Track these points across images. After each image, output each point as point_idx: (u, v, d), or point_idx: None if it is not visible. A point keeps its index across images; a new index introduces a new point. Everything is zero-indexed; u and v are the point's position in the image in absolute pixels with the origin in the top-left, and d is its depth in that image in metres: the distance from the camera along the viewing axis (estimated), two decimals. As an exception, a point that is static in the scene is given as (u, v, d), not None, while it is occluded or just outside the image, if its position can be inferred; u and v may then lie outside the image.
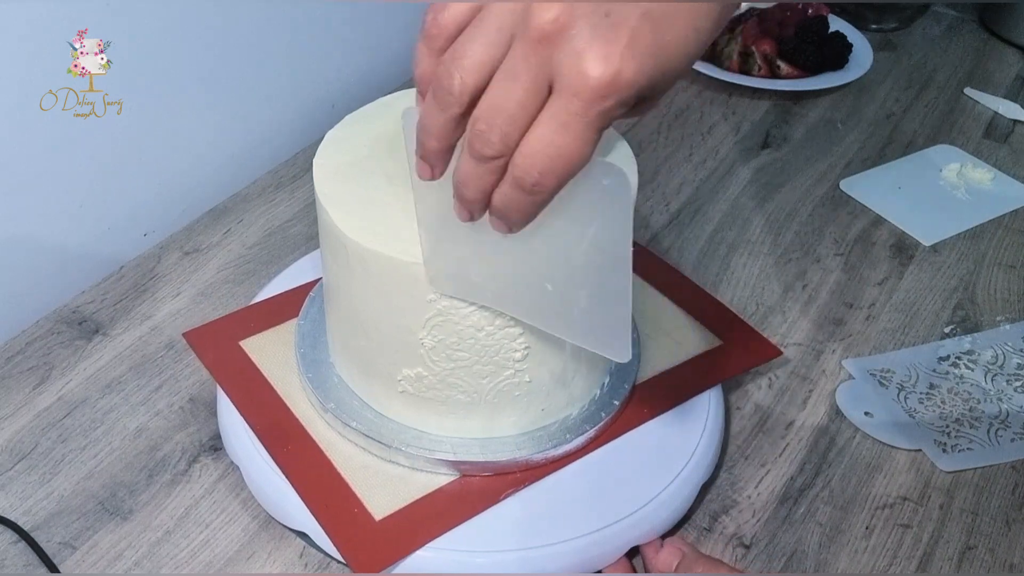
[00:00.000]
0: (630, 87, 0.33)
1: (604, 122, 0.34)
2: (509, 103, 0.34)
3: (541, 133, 0.34)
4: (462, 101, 0.35)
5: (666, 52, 0.34)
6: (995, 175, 0.82)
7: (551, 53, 0.33)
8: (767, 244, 0.74)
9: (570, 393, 0.52)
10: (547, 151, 0.34)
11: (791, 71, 0.92)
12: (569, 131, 0.33)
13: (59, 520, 0.53)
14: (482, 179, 0.36)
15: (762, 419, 0.60)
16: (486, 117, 0.34)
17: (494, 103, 0.34)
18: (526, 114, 0.34)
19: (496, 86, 0.34)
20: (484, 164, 0.36)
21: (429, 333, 0.47)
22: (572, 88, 0.33)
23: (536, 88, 0.34)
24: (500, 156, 0.35)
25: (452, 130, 0.37)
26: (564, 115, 0.33)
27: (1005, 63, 0.99)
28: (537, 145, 0.34)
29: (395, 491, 0.50)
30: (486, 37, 0.34)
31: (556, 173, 0.35)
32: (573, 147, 0.34)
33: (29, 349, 0.63)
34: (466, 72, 0.35)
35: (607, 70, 0.32)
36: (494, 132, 0.34)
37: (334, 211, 0.47)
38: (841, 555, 0.53)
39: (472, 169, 0.36)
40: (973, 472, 0.57)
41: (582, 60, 0.32)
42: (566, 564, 0.49)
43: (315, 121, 0.83)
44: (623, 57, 0.32)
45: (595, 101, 0.33)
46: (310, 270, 0.64)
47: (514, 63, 0.34)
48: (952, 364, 0.64)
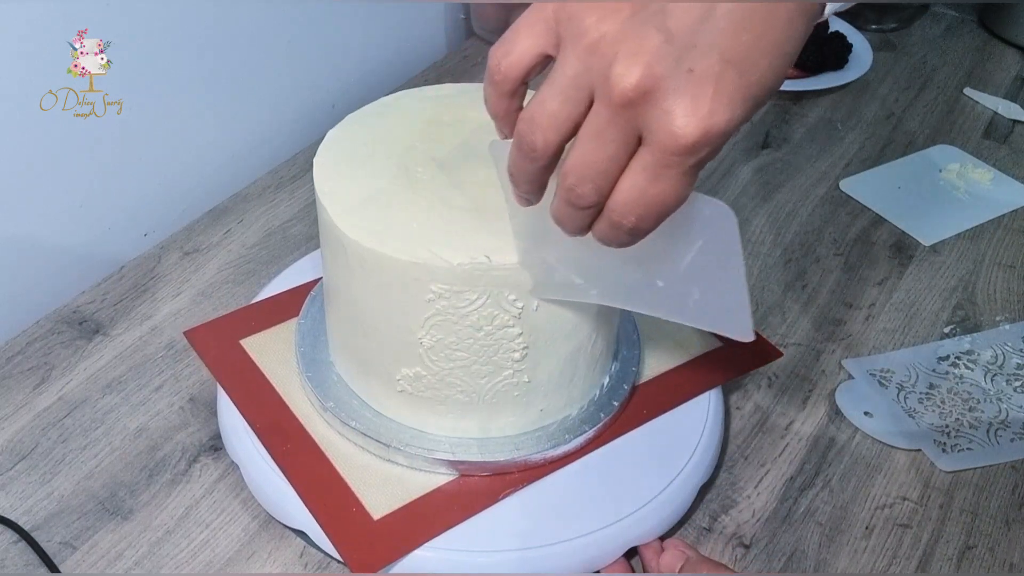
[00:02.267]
0: (723, 137, 0.33)
1: (700, 168, 0.34)
2: (599, 161, 0.34)
3: (634, 183, 0.34)
4: (547, 155, 0.36)
5: (754, 89, 0.33)
6: (995, 175, 0.82)
7: (639, 114, 0.33)
8: (767, 244, 0.74)
9: (569, 393, 0.52)
10: (642, 200, 0.34)
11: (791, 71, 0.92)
12: (663, 181, 0.34)
13: (59, 520, 0.53)
14: (579, 220, 0.37)
15: (762, 419, 0.60)
16: (577, 173, 0.35)
17: (584, 160, 0.34)
18: (617, 167, 0.34)
19: (584, 145, 0.34)
20: (580, 211, 0.36)
21: (428, 333, 0.47)
22: (664, 146, 0.33)
23: (626, 145, 0.34)
24: (595, 206, 0.35)
25: (541, 175, 0.37)
26: (657, 168, 0.33)
27: (1005, 63, 0.99)
28: (632, 195, 0.34)
29: (393, 491, 0.50)
30: (564, 96, 0.34)
31: (653, 217, 0.35)
32: (668, 194, 0.34)
33: (29, 349, 0.63)
34: (548, 131, 0.35)
35: (699, 126, 0.32)
36: (586, 186, 0.35)
37: (334, 210, 0.47)
38: (841, 555, 0.53)
39: (568, 213, 0.37)
40: (973, 472, 0.57)
41: (672, 121, 0.32)
42: (565, 564, 0.49)
43: (315, 121, 0.83)
44: (712, 112, 0.32)
45: (688, 156, 0.33)
46: (310, 270, 0.64)
47: (600, 125, 0.34)
48: (952, 364, 0.64)
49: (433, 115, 0.53)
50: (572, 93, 0.34)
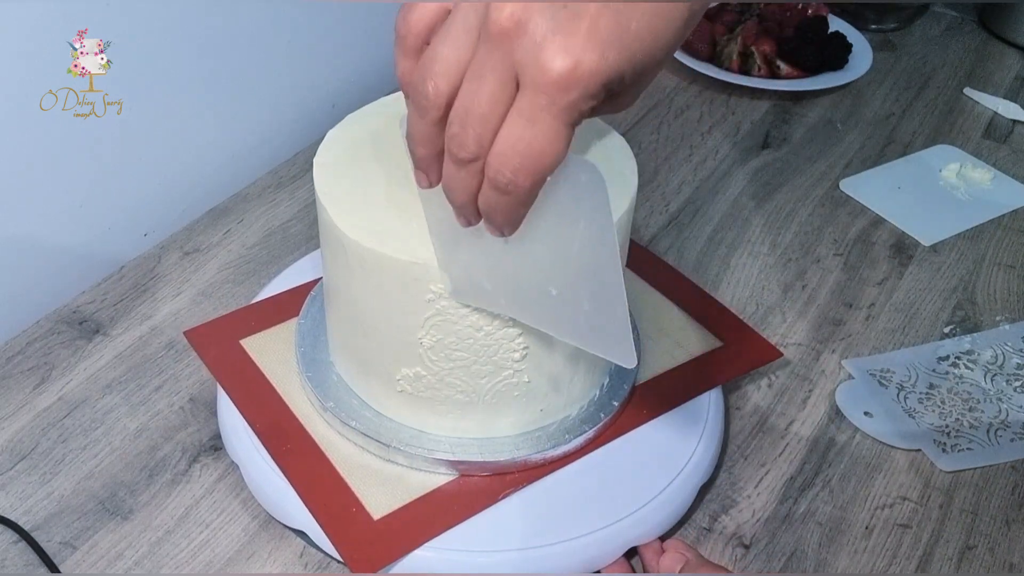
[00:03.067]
0: (593, 77, 0.32)
1: (572, 116, 0.33)
2: (479, 104, 0.33)
3: (510, 131, 0.33)
4: (439, 105, 0.35)
5: (633, 40, 0.33)
6: (995, 175, 0.82)
7: (512, 48, 0.32)
8: (767, 244, 0.74)
9: (569, 393, 0.52)
10: (517, 148, 0.33)
11: (791, 71, 0.92)
12: (537, 126, 0.33)
13: (59, 520, 0.53)
14: (465, 182, 0.36)
15: (762, 419, 0.60)
16: (459, 119, 0.34)
17: (465, 105, 0.34)
18: (496, 113, 0.33)
19: (465, 87, 0.34)
20: (464, 167, 0.35)
21: (428, 333, 0.47)
22: (535, 82, 0.32)
23: (503, 85, 0.33)
24: (477, 158, 0.35)
25: (436, 136, 0.36)
26: (530, 110, 0.33)
27: (1005, 63, 0.99)
28: (508, 143, 0.34)
29: (393, 490, 0.50)
30: (454, 39, 0.34)
31: (529, 170, 0.34)
32: (543, 142, 0.33)
33: (29, 349, 0.63)
34: (438, 77, 0.34)
35: (567, 61, 0.32)
36: (467, 134, 0.34)
37: (334, 210, 0.47)
38: (841, 555, 0.53)
39: (454, 173, 0.36)
40: (973, 472, 0.57)
41: (541, 52, 0.32)
42: (564, 564, 0.49)
43: (315, 121, 0.83)
44: (584, 48, 0.32)
45: (558, 93, 0.32)
46: (310, 270, 0.64)
47: (479, 63, 0.33)
48: (952, 364, 0.64)
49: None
50: (461, 36, 0.34)
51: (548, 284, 0.42)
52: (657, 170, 0.82)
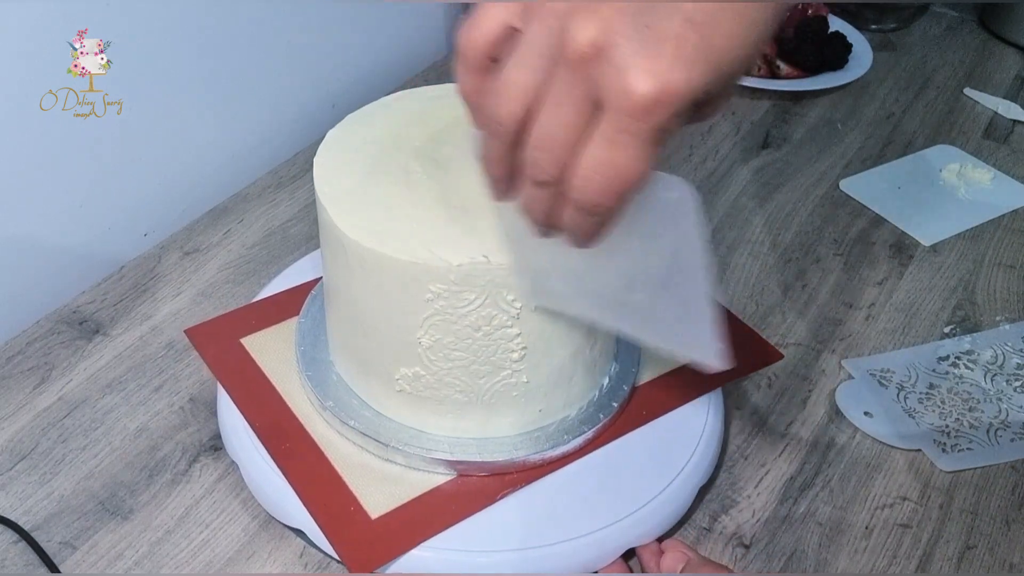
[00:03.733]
0: (681, 98, 0.31)
1: (659, 136, 0.32)
2: (558, 129, 0.33)
3: (593, 154, 0.33)
4: (513, 130, 0.35)
5: (717, 55, 0.32)
6: (995, 175, 0.82)
7: (593, 73, 0.32)
8: (767, 244, 0.74)
9: (568, 394, 0.52)
10: (602, 171, 0.33)
11: (791, 71, 0.92)
12: (621, 149, 0.32)
13: (59, 520, 0.53)
14: (544, 203, 0.36)
15: (762, 419, 0.60)
16: (538, 144, 0.34)
17: (544, 130, 0.34)
18: (576, 137, 0.33)
19: (544, 113, 0.34)
20: (543, 189, 0.35)
21: (427, 332, 0.47)
22: (619, 106, 0.32)
23: (583, 110, 0.33)
24: (556, 181, 0.34)
25: (509, 157, 0.36)
26: (614, 134, 0.32)
27: (1005, 63, 0.99)
28: (591, 166, 0.33)
29: (392, 490, 0.50)
30: (526, 63, 0.33)
31: (614, 192, 0.34)
32: (628, 165, 0.33)
33: (29, 349, 0.63)
34: (512, 101, 0.34)
35: (654, 84, 0.31)
36: (547, 159, 0.34)
37: (333, 210, 0.47)
38: (841, 555, 0.53)
39: (533, 195, 0.36)
40: (973, 472, 0.57)
41: (626, 77, 0.31)
42: (562, 565, 0.49)
43: (315, 121, 0.83)
44: (670, 69, 0.31)
45: (645, 117, 0.31)
46: (311, 269, 0.64)
47: (558, 88, 0.33)
48: (952, 364, 0.64)
49: (433, 115, 0.53)
50: (535, 60, 0.33)
51: (632, 290, 0.41)
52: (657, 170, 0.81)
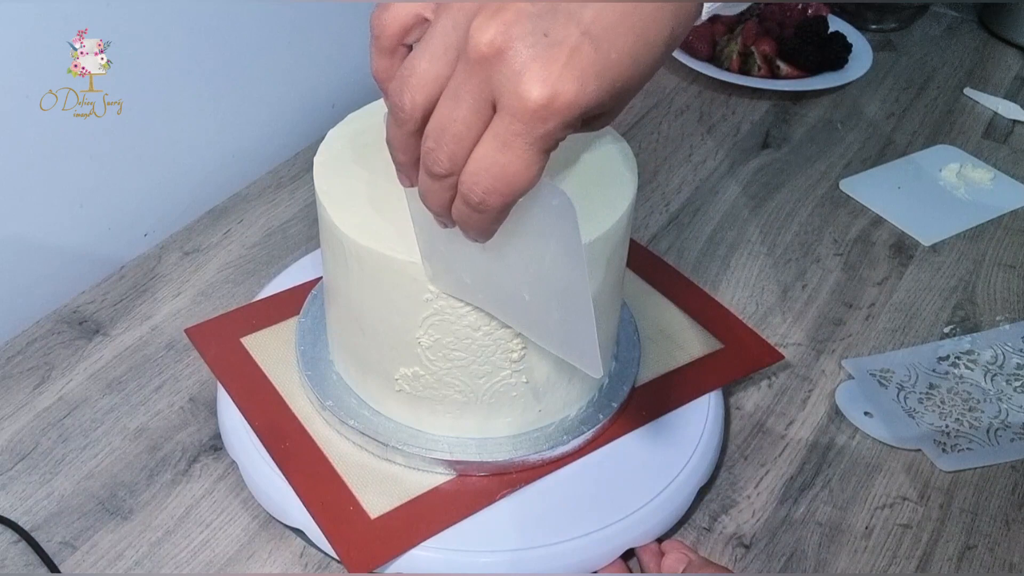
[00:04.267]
0: (571, 109, 0.32)
1: (547, 143, 0.33)
2: (454, 123, 0.34)
3: (484, 152, 0.34)
4: (414, 118, 0.35)
5: (613, 69, 0.33)
6: (995, 175, 0.82)
7: (491, 74, 0.33)
8: (767, 244, 0.74)
9: (568, 394, 0.52)
10: (490, 171, 0.34)
11: (791, 71, 0.92)
12: (511, 151, 0.33)
13: (59, 520, 0.53)
14: (438, 194, 0.37)
15: (762, 419, 0.60)
16: (434, 136, 0.35)
17: (440, 123, 0.34)
18: (471, 133, 0.34)
19: (442, 106, 0.34)
20: (438, 181, 0.36)
21: (426, 332, 0.47)
22: (511, 109, 0.32)
23: (479, 108, 0.33)
24: (450, 173, 0.35)
25: (413, 145, 0.37)
26: (505, 135, 0.33)
27: (1005, 63, 0.99)
28: (481, 164, 0.34)
29: (391, 490, 0.50)
30: (432, 54, 0.34)
31: (499, 192, 0.34)
32: (515, 168, 0.34)
33: (29, 349, 0.63)
34: (415, 90, 0.35)
35: (544, 92, 0.32)
36: (441, 151, 0.35)
37: (333, 209, 0.47)
38: (841, 555, 0.53)
39: (429, 184, 0.37)
40: (973, 472, 0.57)
41: (520, 82, 0.32)
42: (561, 565, 0.49)
43: (315, 121, 0.83)
44: (561, 78, 0.32)
45: (535, 123, 0.32)
46: (311, 269, 0.64)
47: (457, 83, 0.34)
48: (952, 364, 0.64)
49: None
50: (440, 52, 0.34)
51: (522, 289, 0.42)
52: (657, 170, 0.82)
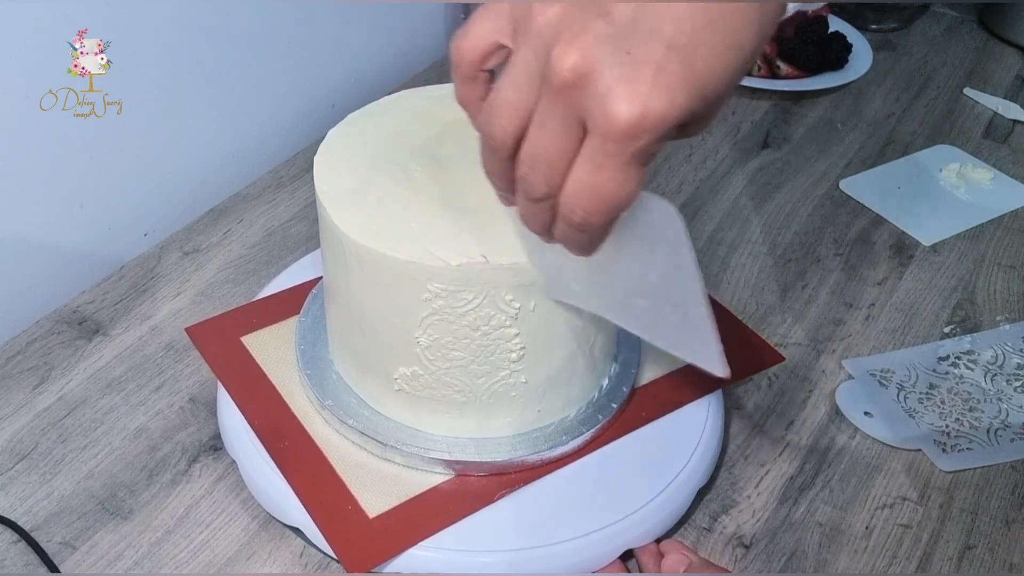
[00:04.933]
0: (662, 123, 0.32)
1: (643, 159, 0.33)
2: (546, 150, 0.34)
3: (579, 175, 0.34)
4: (507, 146, 0.36)
5: (700, 78, 0.33)
6: (995, 175, 0.82)
7: (576, 99, 0.33)
8: (767, 244, 0.74)
9: (567, 395, 0.52)
10: (587, 193, 0.34)
11: (791, 71, 0.92)
12: (605, 171, 0.33)
13: (59, 520, 0.53)
14: (538, 216, 0.37)
15: (762, 419, 0.60)
16: (528, 163, 0.35)
17: (532, 150, 0.35)
18: (564, 157, 0.34)
19: (532, 133, 0.35)
20: (536, 204, 0.36)
21: (425, 332, 0.47)
22: (602, 131, 0.32)
23: (569, 132, 0.34)
24: (548, 197, 0.36)
25: (508, 170, 0.37)
26: (598, 157, 0.33)
27: (1005, 63, 0.99)
28: (577, 187, 0.34)
29: (390, 489, 0.50)
30: (517, 84, 0.34)
31: (600, 212, 0.35)
32: (612, 187, 0.34)
33: (29, 349, 0.63)
34: (505, 120, 0.35)
35: (634, 110, 0.31)
36: (537, 177, 0.35)
37: (333, 208, 0.47)
38: (841, 555, 0.53)
39: (528, 208, 0.37)
40: (973, 472, 0.57)
41: (607, 103, 0.32)
42: (560, 565, 0.49)
43: (315, 121, 0.83)
44: (650, 95, 0.31)
45: (627, 142, 0.32)
46: (312, 268, 0.64)
47: (544, 111, 0.34)
48: (952, 364, 0.64)
49: (434, 115, 0.53)
50: (524, 80, 0.34)
51: (635, 296, 0.42)
52: (657, 170, 0.82)
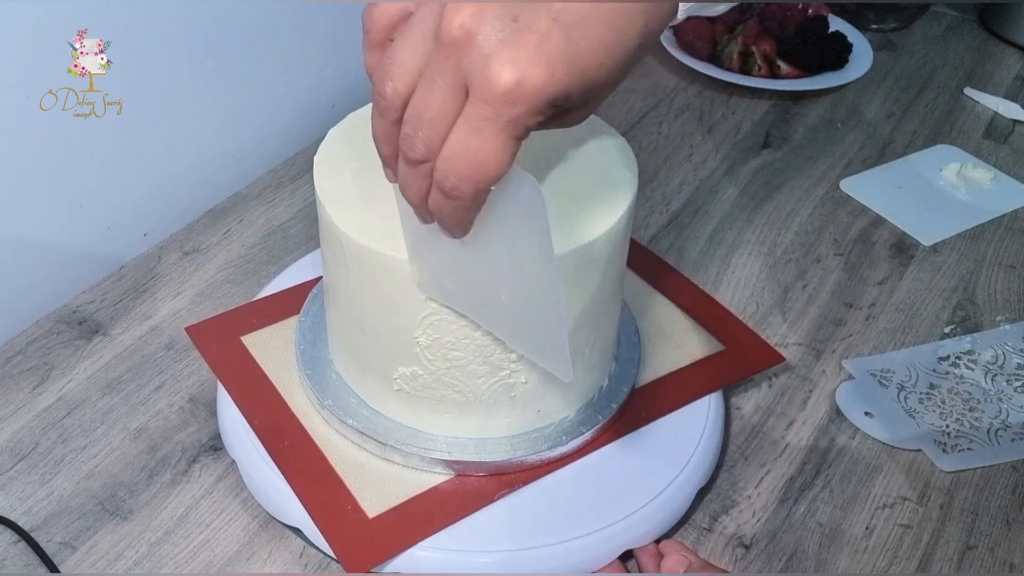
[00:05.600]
0: (539, 93, 0.33)
1: (517, 130, 0.33)
2: (429, 108, 0.34)
3: (457, 137, 0.34)
4: (396, 106, 0.36)
5: (583, 59, 0.33)
6: (995, 175, 0.82)
7: (461, 58, 0.33)
8: (767, 244, 0.74)
9: (567, 395, 0.52)
10: (463, 156, 0.34)
11: (791, 71, 0.92)
12: (482, 136, 0.33)
13: (59, 520, 0.53)
14: (416, 182, 0.37)
15: (762, 419, 0.60)
16: (411, 122, 0.35)
17: (417, 108, 0.35)
18: (445, 118, 0.34)
19: (418, 91, 0.35)
20: (415, 168, 0.36)
21: (424, 332, 0.47)
22: (481, 93, 0.33)
23: (452, 92, 0.34)
24: (426, 159, 0.35)
25: (395, 134, 0.37)
26: (477, 120, 0.33)
27: (1005, 63, 0.99)
28: (454, 149, 0.34)
29: (389, 489, 0.50)
30: (411, 42, 0.35)
31: (472, 179, 0.35)
32: (487, 153, 0.34)
33: (29, 349, 0.63)
34: (396, 78, 0.35)
35: (512, 75, 0.32)
36: (417, 136, 0.35)
37: (332, 208, 0.47)
38: (841, 555, 0.53)
39: (407, 172, 0.37)
40: (973, 472, 0.57)
41: (488, 65, 0.32)
42: (559, 566, 0.49)
43: (315, 121, 0.83)
44: (530, 63, 0.32)
45: (504, 107, 0.33)
46: (311, 269, 0.64)
47: (432, 69, 0.34)
48: (952, 364, 0.64)
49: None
50: (418, 41, 0.34)
51: (499, 290, 0.42)
52: (657, 170, 0.82)
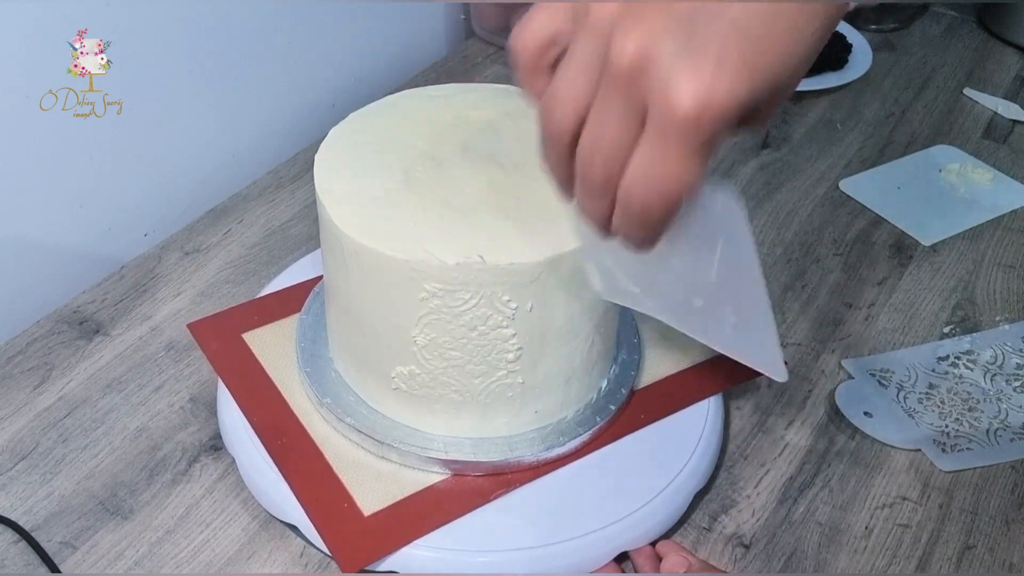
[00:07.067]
0: (725, 109, 0.31)
1: (705, 147, 0.32)
2: (605, 138, 0.34)
3: (639, 163, 0.33)
4: (566, 138, 0.35)
5: (764, 63, 0.32)
6: (995, 175, 0.82)
7: (637, 86, 0.32)
8: (767, 244, 0.74)
9: (565, 396, 0.52)
10: (647, 181, 0.33)
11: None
12: (666, 160, 0.32)
13: (59, 520, 0.53)
14: (596, 208, 0.36)
15: (761, 419, 0.60)
16: (587, 151, 0.34)
17: (591, 140, 0.34)
18: (623, 145, 0.33)
19: (592, 118, 0.34)
20: (595, 195, 0.36)
21: (422, 331, 0.47)
22: (663, 118, 0.31)
23: (628, 120, 0.33)
24: (605, 188, 0.35)
25: (568, 162, 0.36)
26: (659, 144, 0.32)
27: (1005, 63, 0.99)
28: (637, 176, 0.33)
29: (386, 487, 0.50)
30: (575, 72, 0.34)
31: (661, 202, 0.34)
32: (673, 175, 0.33)
33: (30, 349, 0.63)
34: (561, 111, 0.35)
35: (696, 96, 0.31)
36: (595, 166, 0.34)
37: (332, 207, 0.47)
38: (841, 555, 0.53)
39: (586, 201, 0.36)
40: (972, 472, 0.57)
41: (668, 89, 0.31)
42: (555, 566, 0.49)
43: (315, 121, 0.83)
44: (713, 80, 0.31)
45: (688, 129, 0.31)
46: (311, 269, 0.64)
47: (604, 99, 0.33)
48: (951, 364, 0.64)
49: (435, 115, 0.53)
50: (582, 70, 0.34)
51: (693, 295, 0.41)
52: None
